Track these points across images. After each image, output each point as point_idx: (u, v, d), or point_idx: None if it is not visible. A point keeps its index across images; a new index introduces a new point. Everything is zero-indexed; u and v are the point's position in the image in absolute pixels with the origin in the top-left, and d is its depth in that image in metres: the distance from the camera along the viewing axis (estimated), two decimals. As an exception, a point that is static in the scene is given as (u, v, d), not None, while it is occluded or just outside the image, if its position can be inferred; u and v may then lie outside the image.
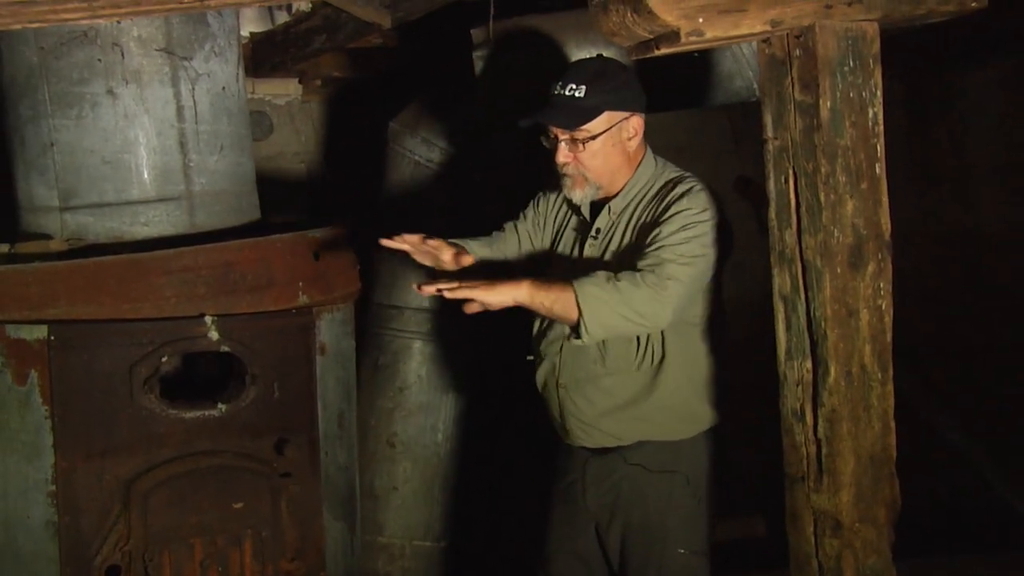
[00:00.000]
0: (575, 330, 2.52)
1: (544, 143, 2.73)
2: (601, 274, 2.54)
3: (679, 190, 2.67)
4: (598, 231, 2.77)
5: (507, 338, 3.20)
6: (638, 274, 2.53)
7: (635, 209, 2.73)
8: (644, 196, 2.73)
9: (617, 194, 2.75)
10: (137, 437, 2.72)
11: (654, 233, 2.61)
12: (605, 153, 2.69)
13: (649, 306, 2.50)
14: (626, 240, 2.71)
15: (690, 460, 2.74)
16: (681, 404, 2.72)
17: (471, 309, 2.46)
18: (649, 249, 2.58)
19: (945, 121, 4.65)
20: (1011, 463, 4.22)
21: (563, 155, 2.69)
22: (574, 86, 2.64)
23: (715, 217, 2.64)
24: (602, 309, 2.48)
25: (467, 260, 2.84)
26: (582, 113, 2.64)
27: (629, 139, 2.71)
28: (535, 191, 2.98)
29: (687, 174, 2.76)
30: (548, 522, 2.95)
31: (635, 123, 2.71)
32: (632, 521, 2.76)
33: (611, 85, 2.65)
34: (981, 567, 3.62)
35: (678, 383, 2.70)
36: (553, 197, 2.96)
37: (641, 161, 2.76)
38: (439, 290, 2.41)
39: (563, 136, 2.67)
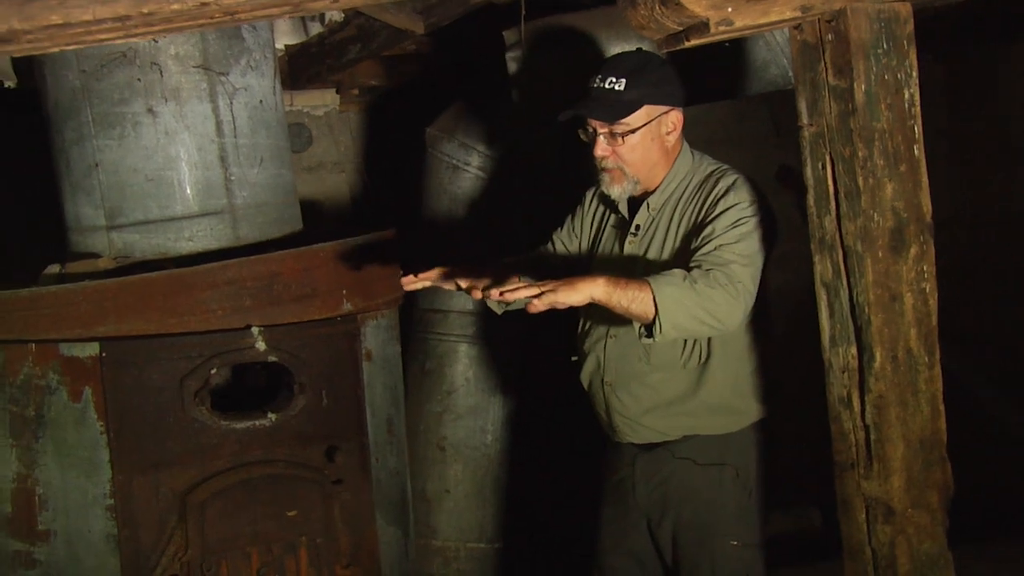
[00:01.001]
0: (647, 328, 2.45)
1: (582, 136, 2.72)
2: (677, 273, 2.46)
3: (722, 184, 2.65)
4: (638, 228, 2.76)
5: (552, 337, 3.20)
6: (710, 274, 2.46)
7: (676, 205, 2.71)
8: (684, 191, 2.72)
9: (655, 189, 2.74)
10: (190, 449, 2.75)
11: (707, 232, 2.56)
12: (644, 147, 2.68)
13: (724, 308, 2.45)
14: (669, 237, 2.70)
15: (739, 452, 2.73)
16: (727, 401, 2.71)
17: (536, 309, 2.33)
18: (707, 248, 2.53)
19: (987, 102, 4.59)
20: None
21: (601, 149, 2.68)
22: (614, 79, 2.63)
23: (762, 210, 2.62)
24: (679, 311, 2.41)
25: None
26: (622, 106, 2.63)
27: (668, 133, 2.70)
28: (572, 190, 2.98)
29: (726, 166, 2.74)
30: (599, 520, 2.94)
31: (674, 117, 2.70)
32: (683, 515, 2.75)
33: (651, 78, 2.64)
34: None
35: (724, 380, 2.69)
36: (591, 198, 2.96)
37: (679, 156, 2.75)
38: (503, 293, 2.30)
39: (602, 129, 2.67)
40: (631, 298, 2.40)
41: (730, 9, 2.10)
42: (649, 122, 2.66)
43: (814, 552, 3.69)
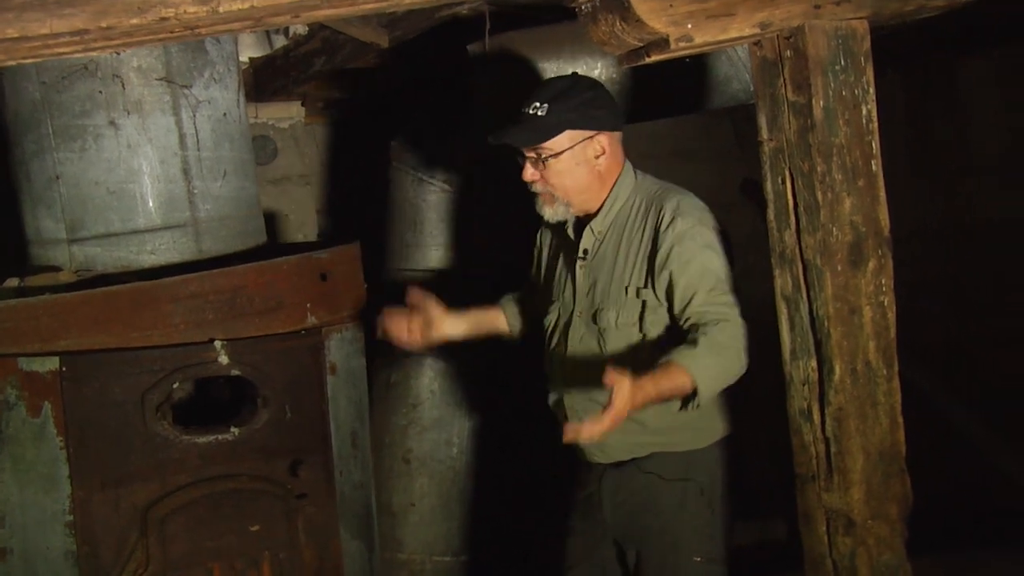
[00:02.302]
0: (687, 402, 2.49)
1: (519, 161, 2.74)
2: (702, 345, 2.46)
3: (667, 211, 2.64)
4: (586, 252, 2.77)
5: (518, 351, 3.21)
6: (717, 328, 2.48)
7: (623, 228, 2.72)
8: (629, 214, 2.72)
9: (597, 212, 2.75)
10: (152, 464, 2.73)
11: (682, 288, 2.57)
12: (570, 171, 2.68)
13: (740, 358, 2.49)
14: (619, 262, 2.70)
15: (703, 469, 2.73)
16: (690, 421, 2.70)
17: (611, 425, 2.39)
18: (693, 307, 2.54)
19: (945, 114, 4.65)
20: (1019, 456, 4.21)
21: (528, 173, 2.71)
22: (538, 104, 2.65)
23: (710, 225, 2.64)
24: (714, 382, 2.46)
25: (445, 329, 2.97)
26: (542, 131, 2.64)
27: (597, 157, 2.69)
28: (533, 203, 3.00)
29: (668, 187, 2.74)
30: (567, 534, 2.95)
31: (602, 141, 2.69)
32: (648, 530, 2.76)
33: (574, 103, 2.64)
34: (999, 561, 3.60)
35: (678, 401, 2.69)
36: (543, 228, 2.99)
37: (618, 178, 2.75)
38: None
39: (529, 154, 2.69)
40: (672, 387, 2.44)
41: (690, 26, 2.13)
42: (572, 146, 2.66)
43: (780, 563, 3.71)
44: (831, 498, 2.27)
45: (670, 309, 2.63)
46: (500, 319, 3.11)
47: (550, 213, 2.74)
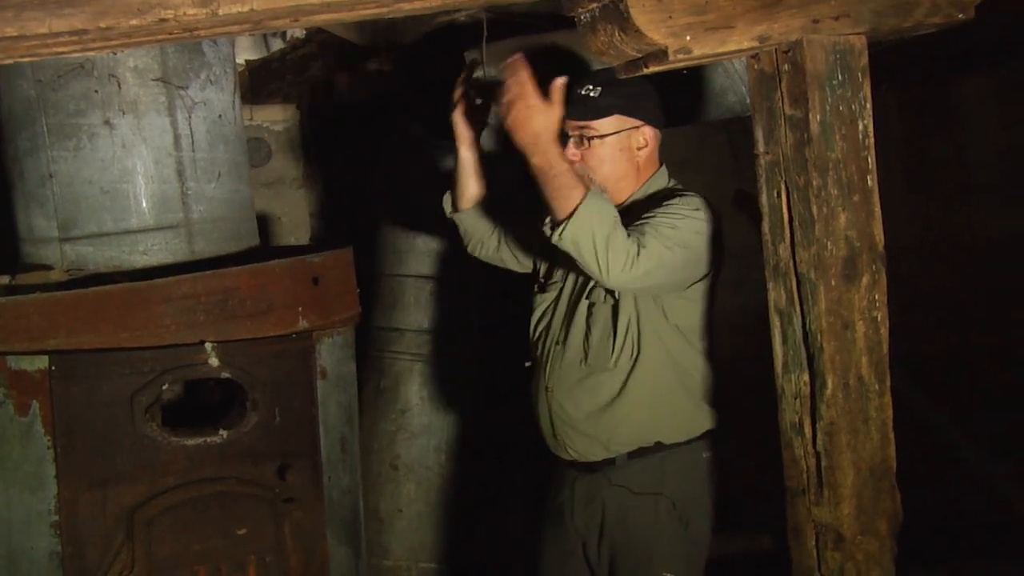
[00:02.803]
0: (555, 225, 2.47)
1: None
2: (612, 205, 2.51)
3: (676, 196, 2.69)
4: None
5: (508, 359, 3.21)
6: (632, 230, 2.51)
7: (634, 217, 2.73)
8: (643, 204, 2.74)
9: (620, 205, 2.75)
10: (139, 465, 2.71)
11: (645, 217, 2.60)
12: (612, 157, 2.71)
13: (617, 254, 2.45)
14: None
15: (676, 482, 2.72)
16: (660, 404, 2.71)
17: (505, 111, 2.44)
18: (637, 223, 2.56)
19: (941, 131, 4.66)
20: (1018, 470, 4.21)
21: (570, 152, 2.69)
22: (591, 87, 2.69)
23: (709, 222, 2.64)
24: (589, 221, 2.43)
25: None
26: (593, 110, 2.67)
27: (639, 148, 2.73)
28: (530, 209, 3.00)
29: (690, 191, 2.77)
30: (540, 543, 2.95)
31: (647, 133, 2.73)
32: (618, 543, 2.75)
33: (626, 91, 2.67)
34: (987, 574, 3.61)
35: (655, 382, 2.70)
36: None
37: (651, 176, 2.77)
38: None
39: (572, 133, 2.70)
40: (561, 184, 2.44)
41: (689, 38, 2.13)
42: (619, 132, 2.69)
43: (765, 574, 3.71)
44: (821, 512, 2.27)
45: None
46: (476, 192, 3.07)
47: None
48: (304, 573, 2.92)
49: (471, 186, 3.04)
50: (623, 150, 2.71)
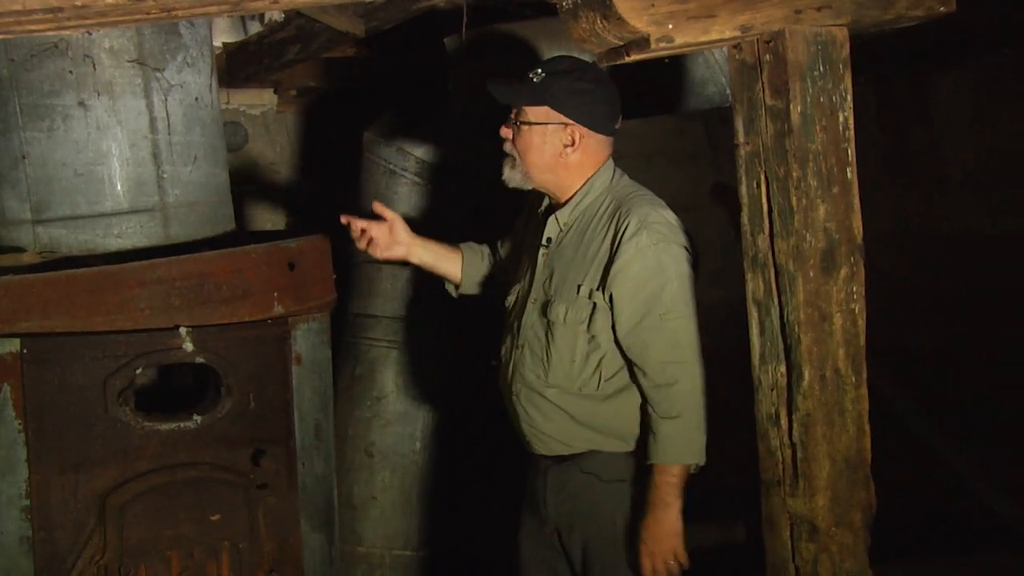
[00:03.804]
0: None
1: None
2: (659, 431, 2.61)
3: (632, 220, 2.63)
4: (549, 240, 2.79)
5: (483, 347, 3.20)
6: (667, 401, 2.61)
7: (586, 227, 2.72)
8: (596, 212, 2.73)
9: (565, 203, 2.76)
10: (112, 450, 2.69)
11: (621, 299, 2.61)
12: (537, 147, 2.70)
13: (697, 411, 2.62)
14: (576, 260, 2.71)
15: (645, 471, 2.71)
16: (626, 425, 2.72)
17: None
18: (640, 357, 2.62)
19: (918, 125, 4.68)
20: (992, 466, 4.25)
21: (504, 130, 2.74)
22: (539, 71, 2.69)
23: (678, 238, 2.64)
24: (689, 445, 2.63)
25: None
26: (527, 95, 2.67)
27: (565, 146, 2.70)
28: (509, 200, 2.99)
29: (643, 192, 2.74)
30: (518, 531, 2.95)
31: (573, 133, 2.69)
32: (589, 531, 2.76)
33: (567, 86, 2.65)
34: (961, 570, 3.63)
35: (621, 409, 2.71)
36: (525, 207, 2.99)
37: (593, 176, 2.75)
38: None
39: (512, 114, 2.72)
40: (675, 489, 2.62)
41: (671, 26, 2.12)
42: (545, 124, 2.67)
43: (738, 566, 3.72)
44: (796, 504, 2.28)
45: (613, 319, 2.64)
46: (457, 264, 3.11)
47: (507, 175, 2.77)
48: (277, 559, 2.90)
49: (447, 268, 3.11)
50: (547, 143, 2.69)
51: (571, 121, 2.68)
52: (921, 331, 4.60)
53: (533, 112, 2.67)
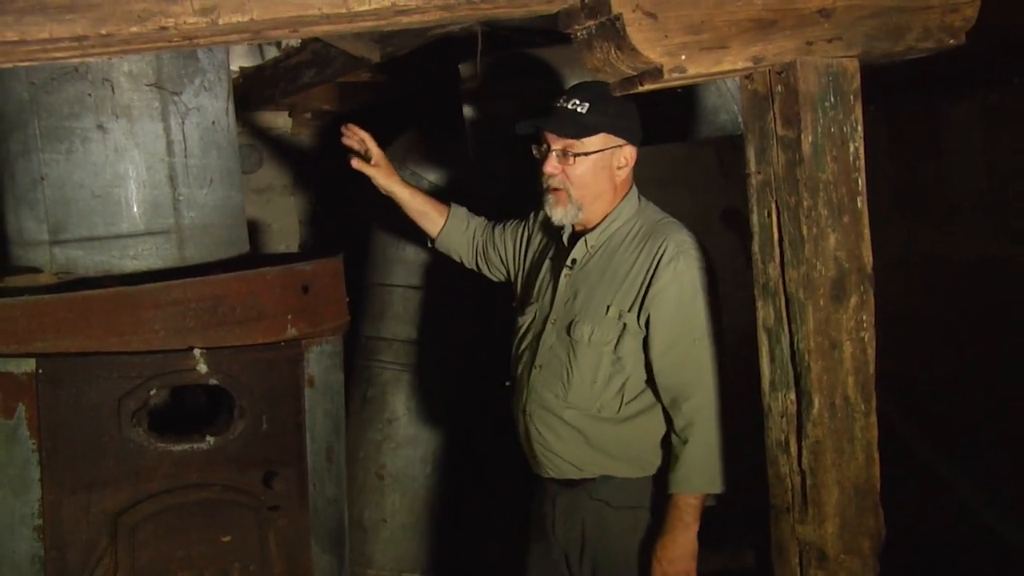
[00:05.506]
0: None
1: (535, 153, 2.74)
2: (683, 455, 2.64)
3: (670, 246, 2.66)
4: (574, 262, 2.78)
5: (494, 370, 3.21)
6: (691, 424, 2.63)
7: (616, 249, 2.73)
8: (626, 236, 2.74)
9: (595, 227, 2.77)
10: (125, 470, 2.71)
11: (658, 322, 2.64)
12: (594, 174, 2.70)
13: (708, 408, 2.64)
14: (604, 281, 2.72)
15: (656, 496, 2.72)
16: (643, 450, 2.73)
17: None
18: (670, 379, 2.66)
19: (928, 154, 4.69)
20: (1001, 493, 4.23)
21: (551, 165, 2.70)
22: (577, 102, 2.67)
23: (707, 263, 2.67)
24: (710, 471, 2.64)
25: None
26: (581, 127, 2.66)
27: (619, 168, 2.72)
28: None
29: (671, 219, 2.77)
30: (525, 555, 2.96)
31: (628, 153, 2.73)
32: (599, 557, 2.76)
33: (613, 110, 2.66)
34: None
35: (638, 433, 2.72)
36: (533, 222, 3.00)
37: (625, 196, 2.77)
38: None
39: (556, 147, 2.69)
40: (699, 512, 2.66)
41: (684, 57, 2.14)
42: (603, 150, 2.69)
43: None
44: (805, 530, 2.28)
45: (646, 341, 2.66)
46: (438, 224, 3.16)
47: (560, 214, 2.74)
48: (287, 581, 2.91)
49: (426, 217, 3.16)
50: (604, 168, 2.71)
51: (624, 141, 2.71)
52: (930, 358, 4.60)
53: (590, 142, 2.67)
